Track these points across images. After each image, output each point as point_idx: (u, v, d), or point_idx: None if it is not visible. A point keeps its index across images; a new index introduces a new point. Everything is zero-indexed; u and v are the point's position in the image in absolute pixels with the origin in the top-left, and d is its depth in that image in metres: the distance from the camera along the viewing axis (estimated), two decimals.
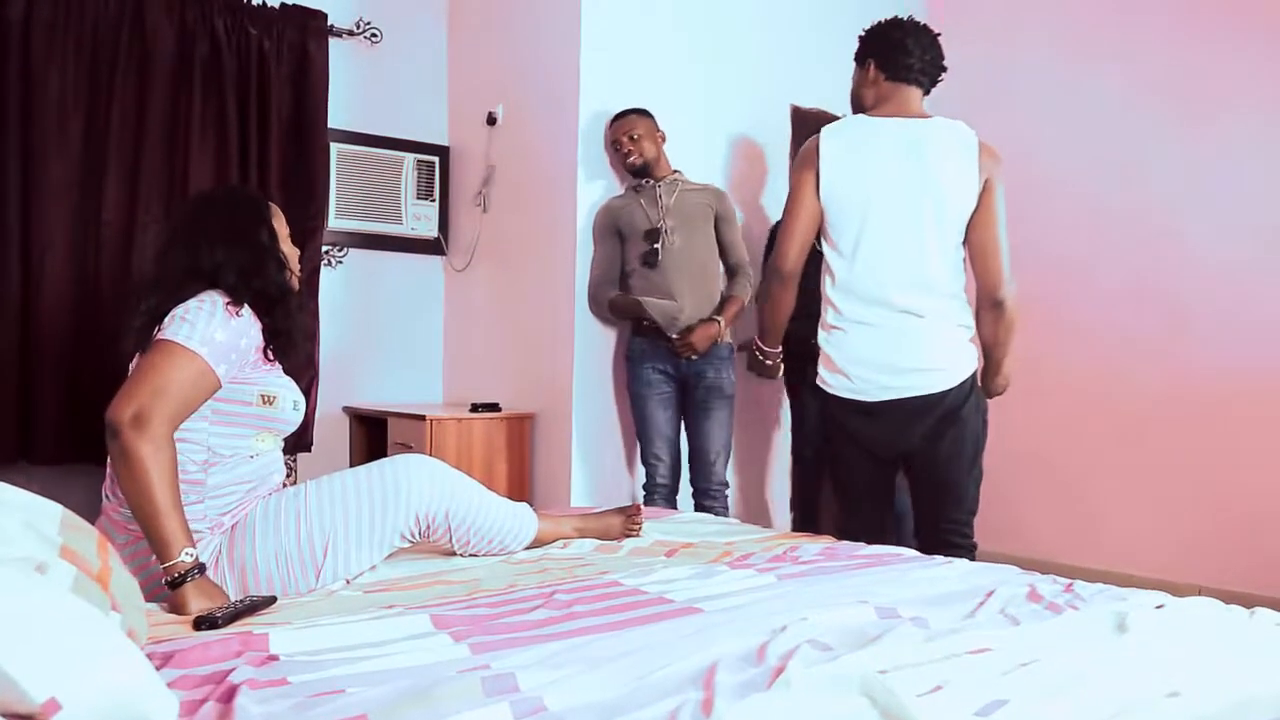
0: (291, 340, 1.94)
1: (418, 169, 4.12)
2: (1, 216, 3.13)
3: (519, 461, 3.63)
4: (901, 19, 2.50)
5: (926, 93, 2.48)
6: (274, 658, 1.27)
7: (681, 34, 3.73)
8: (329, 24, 3.82)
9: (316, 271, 3.74)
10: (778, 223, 3.10)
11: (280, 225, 2.02)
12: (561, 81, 3.56)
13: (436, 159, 4.17)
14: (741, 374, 3.36)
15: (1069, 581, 1.82)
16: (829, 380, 2.50)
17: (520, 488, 3.60)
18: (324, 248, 3.84)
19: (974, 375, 2.45)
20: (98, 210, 3.29)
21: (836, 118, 4.18)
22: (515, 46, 3.87)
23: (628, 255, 3.39)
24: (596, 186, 3.53)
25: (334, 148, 3.87)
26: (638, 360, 3.37)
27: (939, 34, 2.49)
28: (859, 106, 2.55)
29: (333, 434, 3.90)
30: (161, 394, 1.67)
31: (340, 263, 3.98)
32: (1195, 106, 3.64)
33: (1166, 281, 3.68)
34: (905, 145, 2.35)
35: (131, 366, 1.84)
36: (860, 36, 2.54)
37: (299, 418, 1.97)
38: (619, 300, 3.40)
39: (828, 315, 2.50)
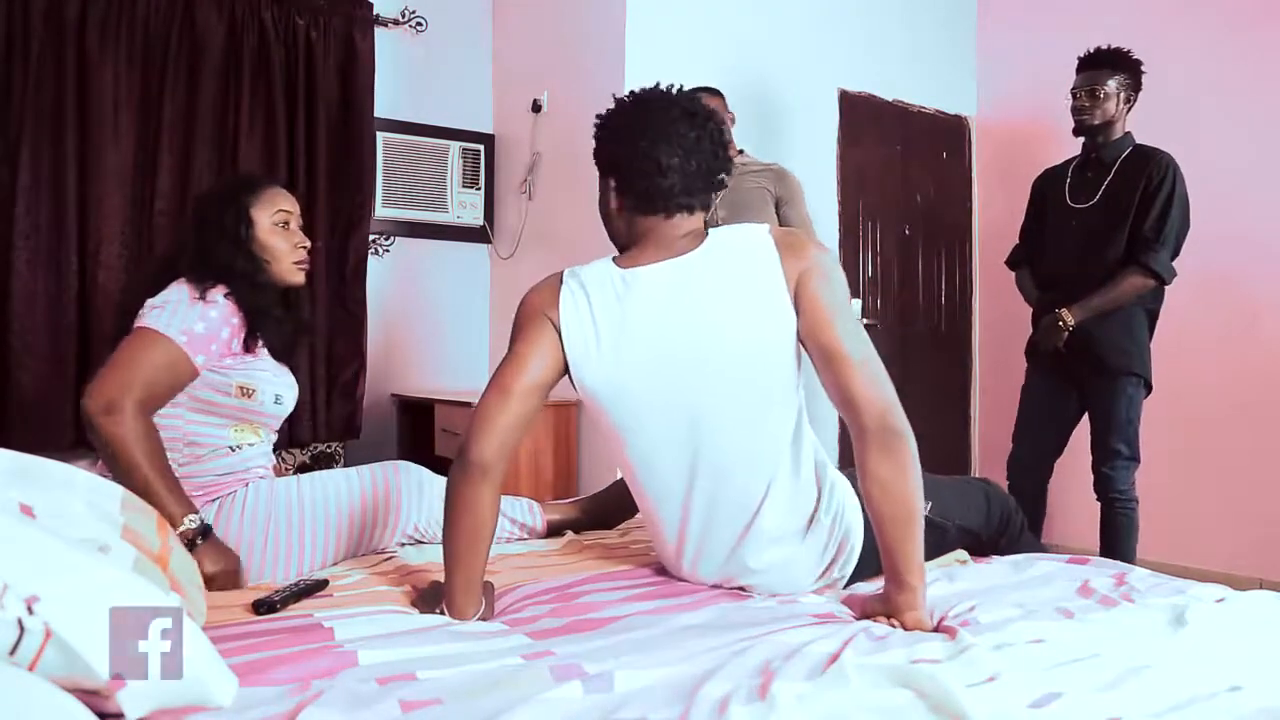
0: (276, 328, 1.86)
1: (463, 157, 4.14)
2: (60, 209, 3.21)
3: (565, 449, 3.64)
4: None
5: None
6: (339, 643, 1.28)
7: (728, 19, 3.70)
8: (375, 13, 3.85)
9: (363, 260, 3.78)
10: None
11: (263, 212, 1.90)
12: (607, 68, 3.55)
13: (482, 147, 4.19)
14: None
15: (1122, 571, 1.78)
16: None
17: (567, 475, 3.61)
18: (370, 236, 3.88)
19: None
20: (151, 201, 3.36)
21: (886, 102, 4.19)
22: (560, 33, 3.86)
23: None
24: None
25: (380, 137, 3.91)
26: None
27: None
28: None
29: (380, 421, 3.95)
30: (133, 384, 1.61)
31: (387, 251, 4.02)
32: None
33: (1231, 269, 3.59)
34: None
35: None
36: None
37: (282, 411, 1.89)
38: None
39: None
